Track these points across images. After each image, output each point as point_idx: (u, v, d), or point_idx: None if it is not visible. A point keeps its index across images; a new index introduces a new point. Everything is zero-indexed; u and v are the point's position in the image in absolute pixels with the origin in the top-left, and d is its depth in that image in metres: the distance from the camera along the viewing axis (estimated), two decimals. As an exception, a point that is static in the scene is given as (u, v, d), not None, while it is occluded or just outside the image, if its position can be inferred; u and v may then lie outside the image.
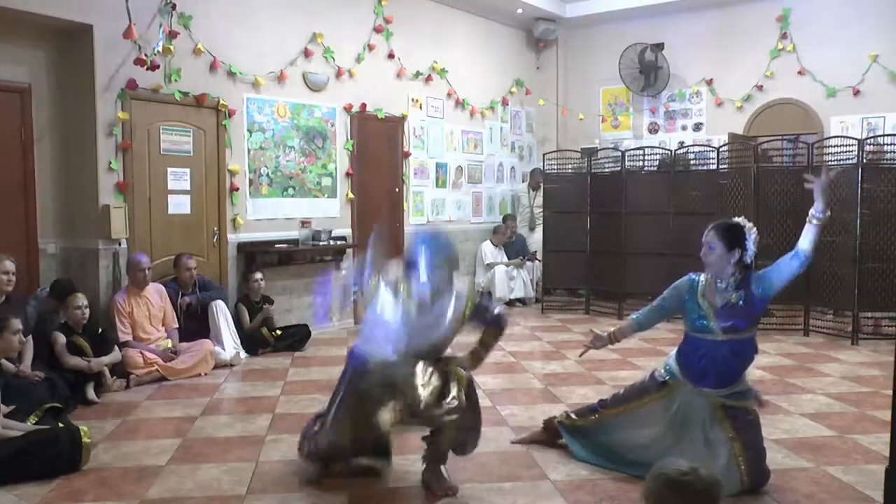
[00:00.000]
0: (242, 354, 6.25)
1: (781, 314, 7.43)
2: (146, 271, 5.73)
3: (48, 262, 5.82)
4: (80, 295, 5.21)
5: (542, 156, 9.20)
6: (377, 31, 8.04)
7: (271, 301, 6.72)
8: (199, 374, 5.71)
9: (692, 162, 8.29)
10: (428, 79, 8.72)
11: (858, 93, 8.55)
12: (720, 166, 7.73)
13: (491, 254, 9.41)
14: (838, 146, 7.06)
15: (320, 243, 7.20)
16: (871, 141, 7.18)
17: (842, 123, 8.62)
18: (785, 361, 6.16)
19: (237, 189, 6.73)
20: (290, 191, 7.24)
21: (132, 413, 4.77)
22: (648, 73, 9.72)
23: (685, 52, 9.63)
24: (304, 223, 7.28)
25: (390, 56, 8.20)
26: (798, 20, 8.91)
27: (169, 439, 4.22)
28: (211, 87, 6.47)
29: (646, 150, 8.41)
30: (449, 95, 9.06)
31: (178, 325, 5.96)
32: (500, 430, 4.31)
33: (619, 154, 8.38)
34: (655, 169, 8.31)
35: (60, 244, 5.91)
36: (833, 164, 6.95)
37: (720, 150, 7.83)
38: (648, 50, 9.66)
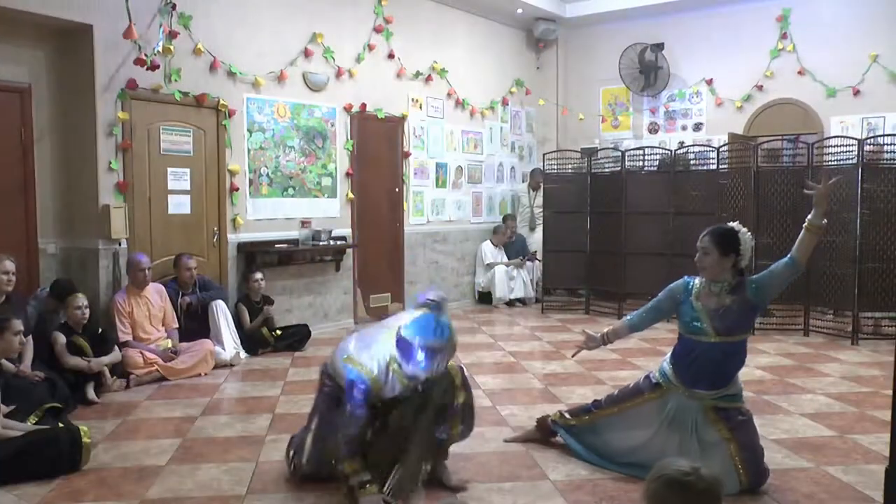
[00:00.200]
0: (242, 354, 6.26)
1: (781, 314, 7.43)
2: (146, 271, 5.73)
3: (48, 262, 5.82)
4: (80, 295, 5.21)
5: (542, 156, 9.20)
6: (377, 31, 8.04)
7: (271, 301, 6.72)
8: (199, 374, 5.72)
9: (692, 162, 8.29)
10: (428, 79, 8.72)
11: (858, 93, 8.55)
12: (720, 166, 7.73)
13: (491, 254, 9.41)
14: (838, 146, 7.05)
15: (320, 243, 7.20)
16: (870, 141, 7.18)
17: (842, 123, 8.61)
18: (785, 361, 6.16)
19: (237, 189, 6.74)
20: (290, 191, 7.24)
21: (132, 413, 4.77)
22: (648, 73, 9.72)
23: (685, 52, 9.63)
24: (304, 223, 7.28)
25: (390, 56, 8.20)
26: (798, 20, 8.91)
27: (169, 439, 4.22)
28: (211, 87, 6.47)
29: (646, 150, 8.41)
30: (449, 95, 9.05)
31: (178, 325, 5.96)
32: (499, 430, 4.31)
33: (619, 154, 8.38)
34: (655, 169, 8.31)
35: (60, 244, 5.91)
36: (833, 164, 6.97)
37: (720, 150, 7.82)
38: (648, 50, 9.66)
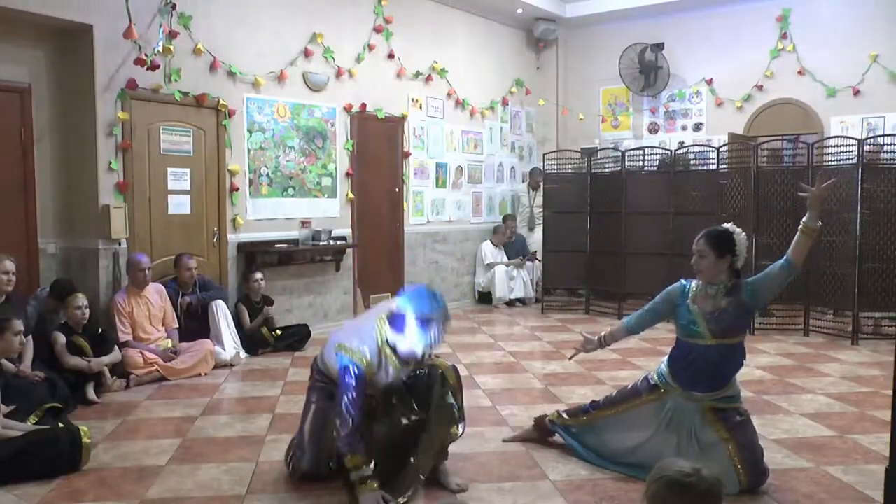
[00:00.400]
0: (242, 354, 6.25)
1: (781, 314, 7.43)
2: (146, 271, 5.73)
3: (48, 262, 5.82)
4: (81, 295, 5.21)
5: (542, 156, 9.20)
6: (377, 31, 8.04)
7: (271, 302, 6.72)
8: (199, 374, 5.72)
9: (692, 162, 8.29)
10: (428, 79, 8.72)
11: (858, 93, 8.55)
12: (720, 166, 7.73)
13: (491, 254, 9.41)
14: (838, 146, 7.05)
15: (320, 243, 7.19)
16: (870, 141, 7.18)
17: (842, 123, 8.62)
18: (785, 361, 6.16)
19: (237, 189, 6.73)
20: (290, 191, 7.24)
21: (132, 413, 4.77)
22: (648, 73, 9.72)
23: (685, 52, 9.63)
24: (304, 223, 7.28)
25: (390, 56, 8.20)
26: (798, 20, 8.91)
27: (169, 439, 4.22)
28: (211, 87, 6.47)
29: (646, 150, 8.41)
30: (449, 95, 9.05)
31: (178, 325, 5.96)
32: (499, 430, 4.31)
33: (619, 154, 8.38)
34: (655, 169, 8.31)
35: (60, 244, 5.91)
36: (833, 164, 6.97)
37: (720, 150, 7.82)
38: (648, 50, 9.66)
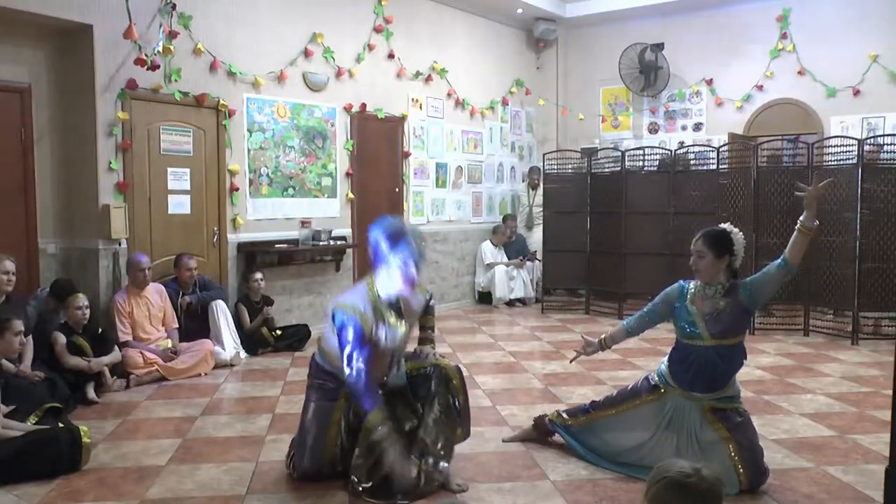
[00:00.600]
0: (242, 354, 6.26)
1: (781, 314, 7.44)
2: (146, 271, 5.73)
3: (48, 262, 5.82)
4: (81, 295, 5.21)
5: (542, 156, 9.20)
6: (377, 31, 8.04)
7: (271, 302, 6.72)
8: (199, 374, 5.72)
9: (692, 162, 8.29)
10: (428, 79, 8.72)
11: (858, 93, 8.55)
12: (720, 166, 7.73)
13: (491, 254, 9.41)
14: (838, 146, 7.06)
15: (320, 243, 7.19)
16: (870, 141, 7.18)
17: (842, 123, 8.62)
18: (785, 361, 6.16)
19: (237, 189, 6.73)
20: (290, 191, 7.24)
21: (132, 413, 4.77)
22: (648, 73, 9.72)
23: (685, 52, 9.63)
24: (304, 223, 7.28)
25: (390, 56, 8.20)
26: (798, 20, 8.91)
27: (169, 439, 4.22)
28: (211, 87, 6.47)
29: (646, 150, 8.41)
30: (449, 95, 9.05)
31: (178, 325, 5.96)
32: (499, 430, 4.31)
33: (619, 154, 8.38)
34: (655, 169, 8.31)
35: (60, 244, 5.91)
36: (833, 164, 6.97)
37: (720, 150, 7.83)
38: (648, 50, 9.66)
